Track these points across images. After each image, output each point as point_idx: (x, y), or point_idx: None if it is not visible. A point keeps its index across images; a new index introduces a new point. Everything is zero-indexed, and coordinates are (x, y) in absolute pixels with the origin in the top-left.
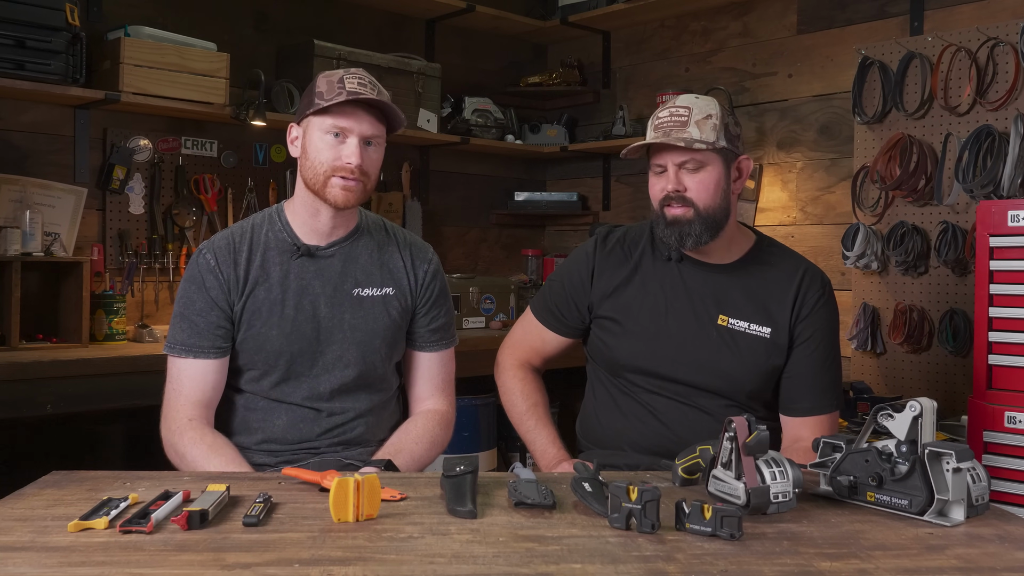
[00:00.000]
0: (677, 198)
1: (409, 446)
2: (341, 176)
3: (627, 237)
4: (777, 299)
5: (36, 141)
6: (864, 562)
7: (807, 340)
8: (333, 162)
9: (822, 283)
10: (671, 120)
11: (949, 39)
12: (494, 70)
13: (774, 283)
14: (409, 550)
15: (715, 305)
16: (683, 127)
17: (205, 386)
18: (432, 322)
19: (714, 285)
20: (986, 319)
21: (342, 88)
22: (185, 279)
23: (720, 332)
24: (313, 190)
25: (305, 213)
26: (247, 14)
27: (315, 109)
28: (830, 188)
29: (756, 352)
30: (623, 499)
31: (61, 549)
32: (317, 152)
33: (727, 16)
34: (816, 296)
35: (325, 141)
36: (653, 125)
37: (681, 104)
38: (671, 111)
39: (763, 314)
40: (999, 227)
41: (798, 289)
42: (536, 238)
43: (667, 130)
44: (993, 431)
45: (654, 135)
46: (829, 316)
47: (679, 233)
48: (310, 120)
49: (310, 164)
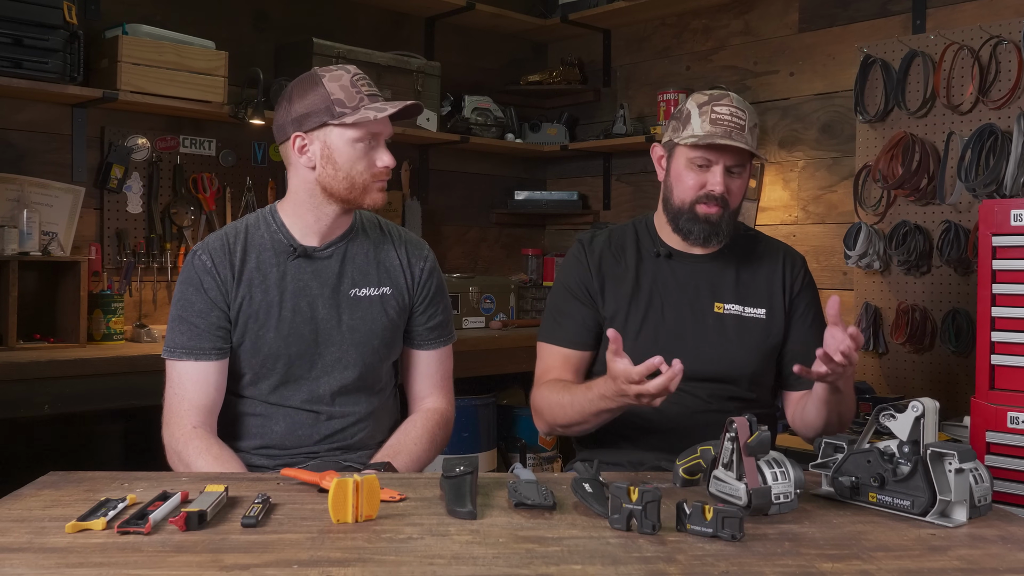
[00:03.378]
0: (718, 199)
1: (408, 447)
2: (379, 180)
3: (612, 239)
4: (767, 279)
5: (33, 140)
6: (866, 563)
7: (802, 314)
8: (371, 169)
9: (802, 261)
10: (733, 120)
11: (952, 37)
12: (494, 68)
13: (760, 265)
14: (408, 551)
15: (709, 294)
16: (742, 131)
17: (208, 389)
18: (430, 320)
19: (705, 275)
20: (989, 319)
21: (360, 93)
22: (181, 282)
23: (717, 319)
24: (345, 198)
25: (308, 216)
26: (246, 12)
27: (342, 121)
28: (832, 187)
29: (755, 334)
30: (624, 500)
31: (59, 550)
32: (351, 163)
33: (728, 14)
34: (801, 272)
35: (357, 150)
36: (708, 118)
37: (739, 106)
38: (732, 111)
39: (756, 296)
40: (1002, 226)
41: (784, 267)
42: (536, 237)
43: (728, 131)
44: (996, 431)
45: (713, 130)
46: (815, 290)
47: (710, 231)
48: (330, 130)
49: (343, 175)
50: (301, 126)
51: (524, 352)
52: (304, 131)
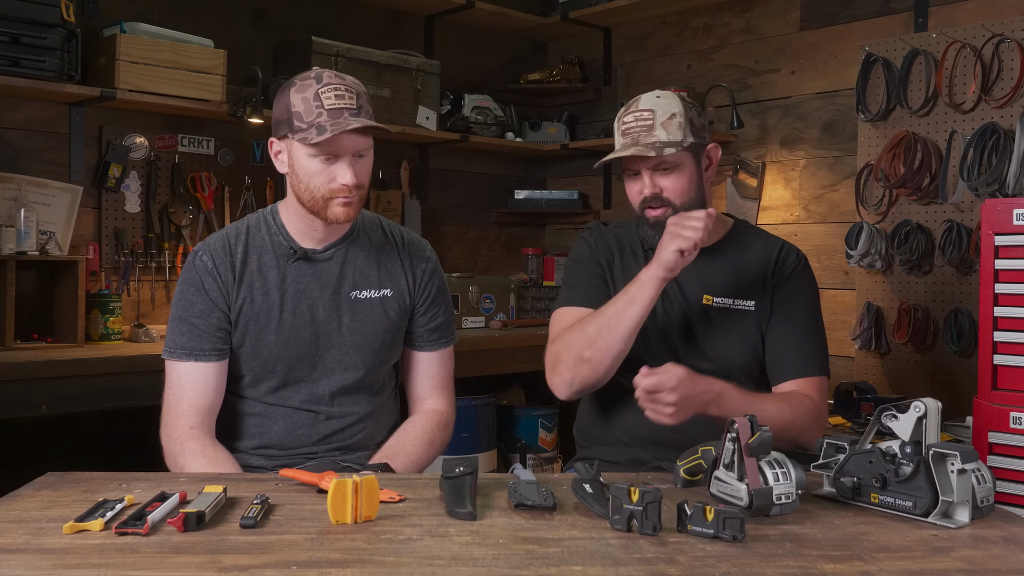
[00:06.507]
0: (655, 200)
1: (407, 448)
2: (339, 196)
3: (617, 231)
4: (757, 271)
5: (31, 139)
6: (868, 564)
7: (785, 303)
8: (328, 185)
9: (798, 255)
10: (637, 125)
11: (954, 36)
12: (494, 67)
13: (753, 258)
14: (408, 552)
15: (699, 287)
16: (650, 131)
17: (207, 390)
18: (431, 321)
19: (696, 268)
20: (991, 318)
21: (320, 107)
22: (182, 282)
23: (707, 311)
24: (311, 210)
25: (300, 222)
26: (244, 10)
27: (297, 137)
28: (833, 186)
29: (743, 325)
30: (624, 500)
31: (56, 551)
32: (309, 177)
33: (729, 12)
34: (792, 264)
35: (315, 164)
36: (620, 131)
37: (644, 107)
38: (635, 115)
39: (746, 288)
40: (1004, 226)
41: (775, 259)
42: (536, 237)
43: (635, 136)
44: (998, 432)
45: (623, 141)
46: (808, 284)
47: (662, 232)
48: (291, 141)
49: (304, 187)
50: (275, 132)
51: (524, 352)
52: (277, 137)
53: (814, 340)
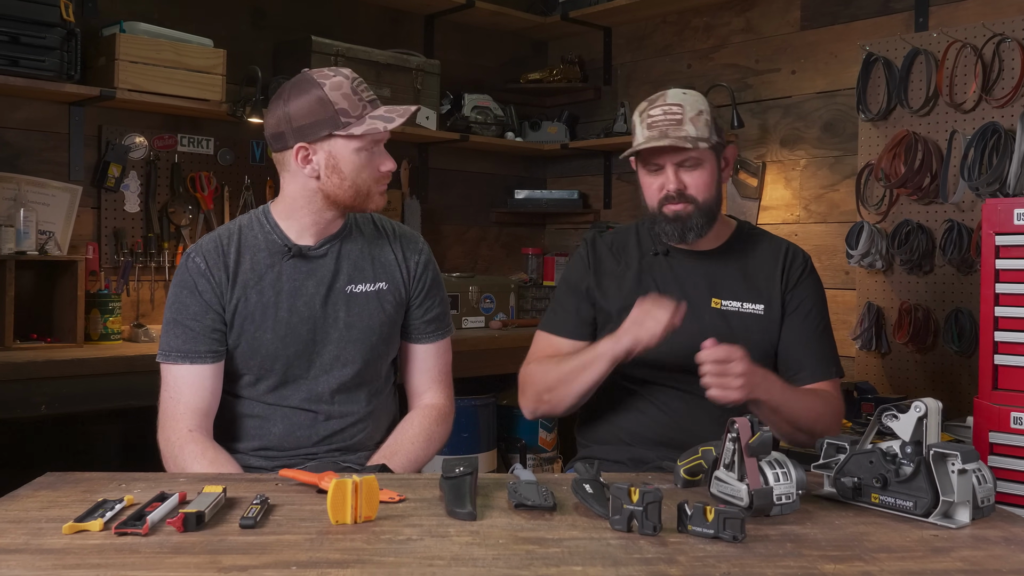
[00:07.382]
0: (678, 196)
1: (405, 447)
2: (381, 184)
3: (615, 240)
4: (766, 275)
5: (30, 138)
6: (868, 564)
7: (797, 308)
8: (374, 175)
9: (804, 257)
10: (666, 119)
11: (954, 35)
12: (494, 66)
13: (761, 261)
14: (408, 552)
15: (707, 290)
16: (679, 125)
17: (204, 392)
18: (426, 313)
19: (704, 271)
20: (992, 318)
21: (360, 100)
22: (175, 284)
23: (714, 315)
24: (349, 205)
25: (305, 218)
26: (244, 10)
27: (349, 132)
28: (834, 186)
29: (751, 330)
30: (624, 501)
31: (56, 551)
32: (357, 171)
33: (730, 12)
34: (800, 268)
35: (361, 158)
36: (645, 124)
37: (673, 101)
38: (664, 109)
39: (754, 292)
40: (1005, 225)
41: (784, 263)
42: (536, 236)
43: (663, 129)
44: (999, 432)
45: (648, 134)
46: (816, 287)
47: (682, 228)
48: (335, 140)
49: (350, 183)
50: (304, 136)
51: (524, 352)
52: (308, 142)
53: (827, 341)
